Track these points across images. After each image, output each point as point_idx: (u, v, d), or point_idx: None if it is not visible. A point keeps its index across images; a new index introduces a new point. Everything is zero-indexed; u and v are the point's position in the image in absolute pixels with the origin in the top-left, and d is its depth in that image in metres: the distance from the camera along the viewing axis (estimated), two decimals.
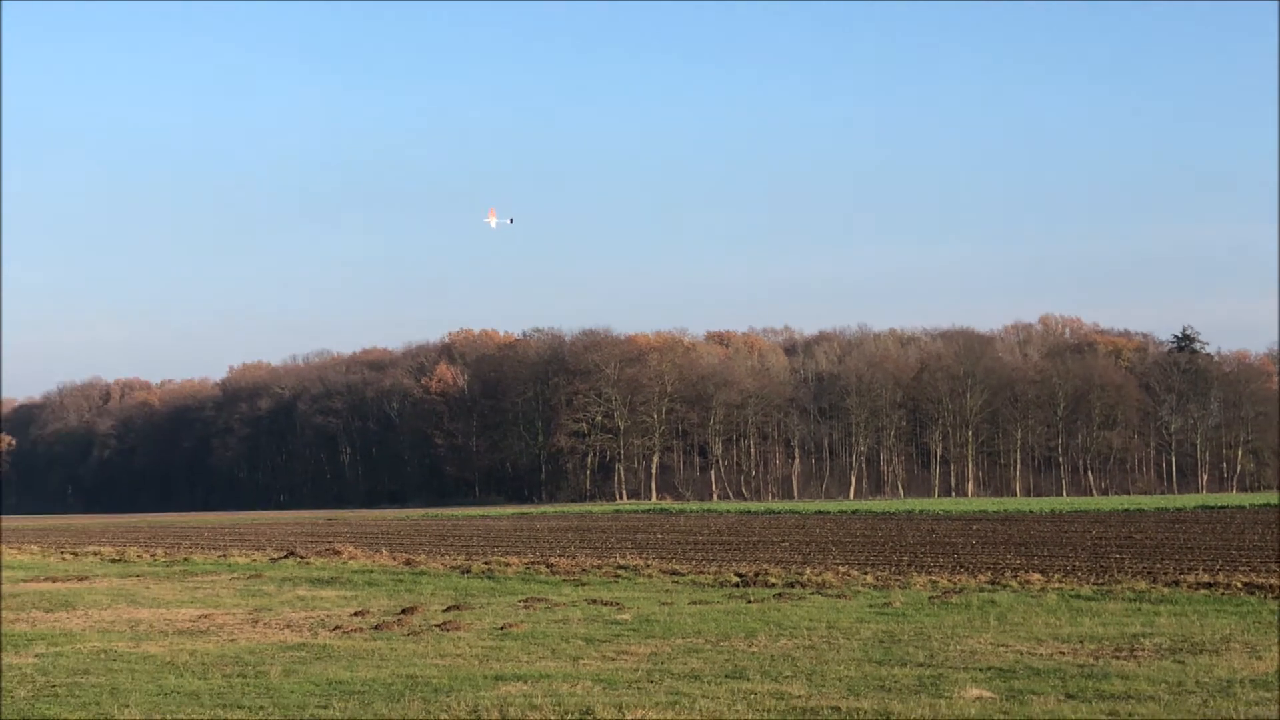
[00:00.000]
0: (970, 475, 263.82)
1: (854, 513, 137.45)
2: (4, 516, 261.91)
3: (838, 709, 24.16)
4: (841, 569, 55.57)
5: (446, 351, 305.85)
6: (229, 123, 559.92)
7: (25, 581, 59.65)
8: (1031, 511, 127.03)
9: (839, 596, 44.98)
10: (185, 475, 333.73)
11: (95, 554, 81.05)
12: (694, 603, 43.73)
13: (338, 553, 72.71)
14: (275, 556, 73.19)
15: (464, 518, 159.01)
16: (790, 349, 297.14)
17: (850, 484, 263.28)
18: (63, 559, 78.33)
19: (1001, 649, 31.73)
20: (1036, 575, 50.64)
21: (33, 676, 29.42)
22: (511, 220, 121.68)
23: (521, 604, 44.15)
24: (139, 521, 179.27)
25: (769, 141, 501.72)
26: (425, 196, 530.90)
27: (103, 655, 32.75)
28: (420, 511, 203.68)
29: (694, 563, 63.04)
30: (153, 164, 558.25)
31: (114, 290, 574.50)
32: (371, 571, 60.97)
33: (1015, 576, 50.84)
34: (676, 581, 52.94)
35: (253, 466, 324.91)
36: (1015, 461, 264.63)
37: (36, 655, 32.96)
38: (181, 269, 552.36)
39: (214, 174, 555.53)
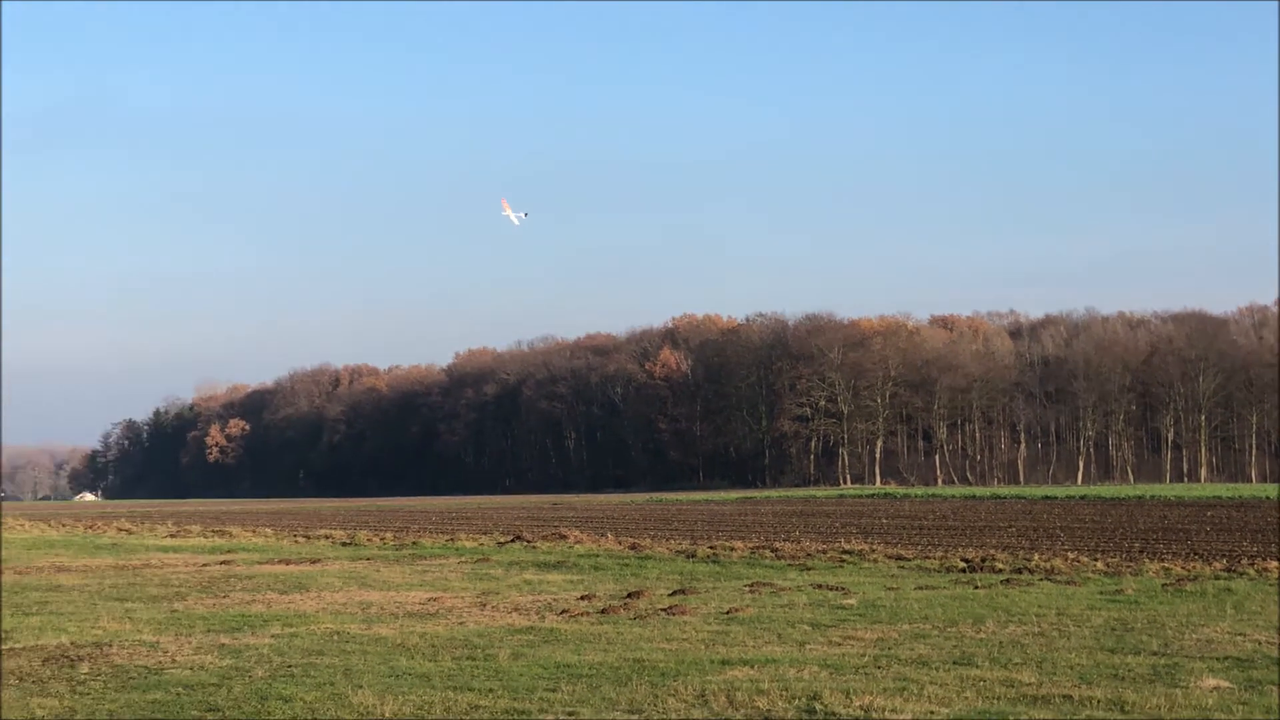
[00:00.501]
0: (1203, 461, 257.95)
1: (1082, 498, 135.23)
2: (239, 499, 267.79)
3: (1070, 697, 23.72)
4: (1070, 555, 54.67)
5: (670, 336, 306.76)
6: (448, 117, 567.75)
7: (261, 564, 61.01)
8: (1268, 498, 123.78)
9: (1068, 583, 44.23)
10: (412, 460, 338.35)
11: (327, 537, 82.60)
12: (920, 588, 43.31)
13: (564, 537, 73.27)
14: (502, 541, 73.97)
15: (688, 502, 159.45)
16: (1015, 332, 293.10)
17: (1078, 469, 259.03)
18: (295, 542, 79.93)
19: (1239, 638, 30.92)
20: (1275, 563, 49.30)
21: (269, 657, 30.01)
22: (525, 214, 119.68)
23: (746, 589, 44.08)
24: (368, 505, 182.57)
25: (991, 122, 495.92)
26: (646, 186, 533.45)
27: (336, 637, 33.30)
28: (644, 496, 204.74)
29: (919, 548, 62.47)
30: (376, 156, 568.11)
31: (340, 277, 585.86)
32: (597, 556, 61.33)
33: (1252, 564, 49.62)
34: (902, 567, 52.51)
35: (478, 451, 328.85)
36: (1250, 447, 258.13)
37: (273, 636, 33.63)
38: (407, 257, 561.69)
39: (438, 164, 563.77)
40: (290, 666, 28.54)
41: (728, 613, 36.83)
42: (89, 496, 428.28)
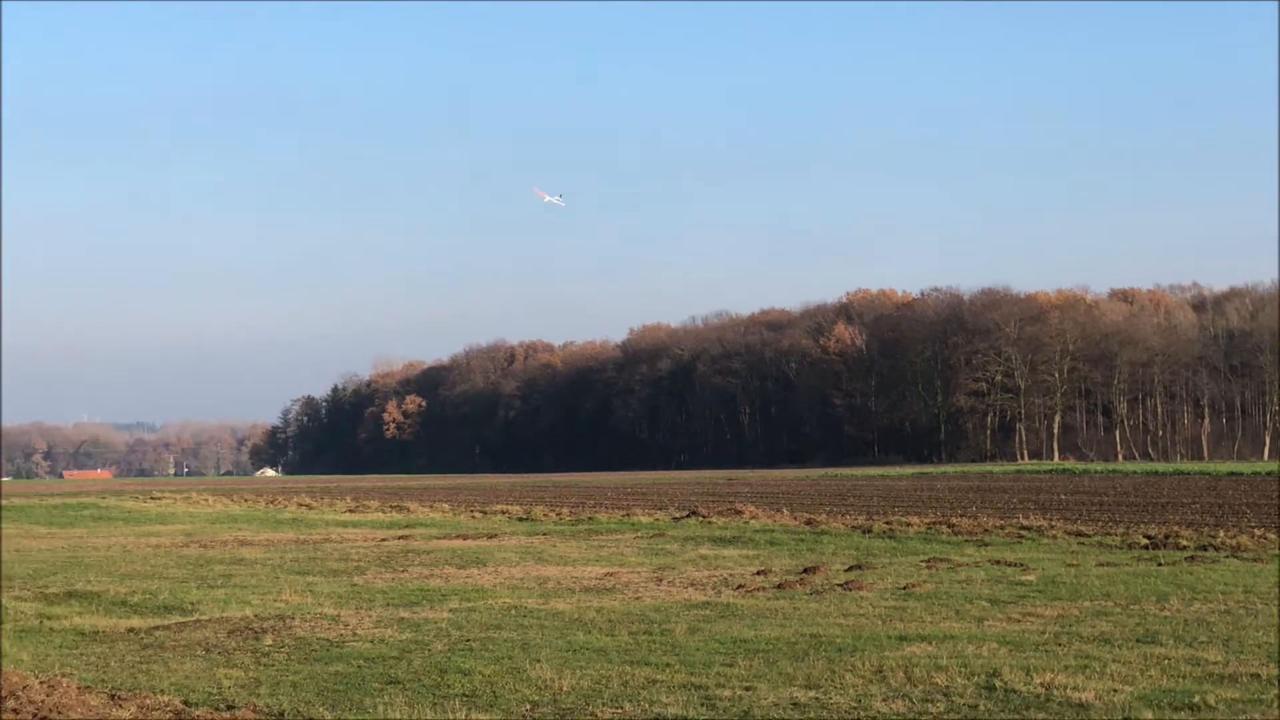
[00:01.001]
0: None
1: (1268, 474, 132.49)
2: (415, 475, 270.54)
3: (1257, 676, 23.19)
4: (1258, 532, 53.51)
5: (844, 311, 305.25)
6: (639, 93, 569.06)
7: (438, 539, 61.62)
8: None
9: (1255, 560, 43.32)
10: (587, 435, 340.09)
11: (503, 512, 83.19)
12: (1101, 564, 42.65)
13: (739, 512, 73.14)
14: (677, 516, 74.03)
15: (863, 477, 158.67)
16: (1199, 305, 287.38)
17: (1264, 444, 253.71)
18: (472, 517, 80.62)
19: None
20: None
21: (448, 630, 30.26)
22: (560, 197, 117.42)
23: (924, 564, 43.71)
24: (543, 481, 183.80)
25: (1169, 89, 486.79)
26: (822, 157, 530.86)
27: (513, 611, 33.50)
28: (819, 471, 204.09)
29: (1100, 524, 61.52)
30: (557, 133, 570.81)
31: (513, 255, 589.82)
32: (773, 531, 61.20)
33: None
34: (1082, 543, 51.75)
35: (653, 427, 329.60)
36: None
37: (451, 610, 33.92)
38: (580, 234, 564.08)
39: (620, 142, 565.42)
40: (468, 640, 28.75)
41: (904, 588, 36.54)
42: (269, 472, 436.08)
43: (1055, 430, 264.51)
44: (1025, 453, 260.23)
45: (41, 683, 24.03)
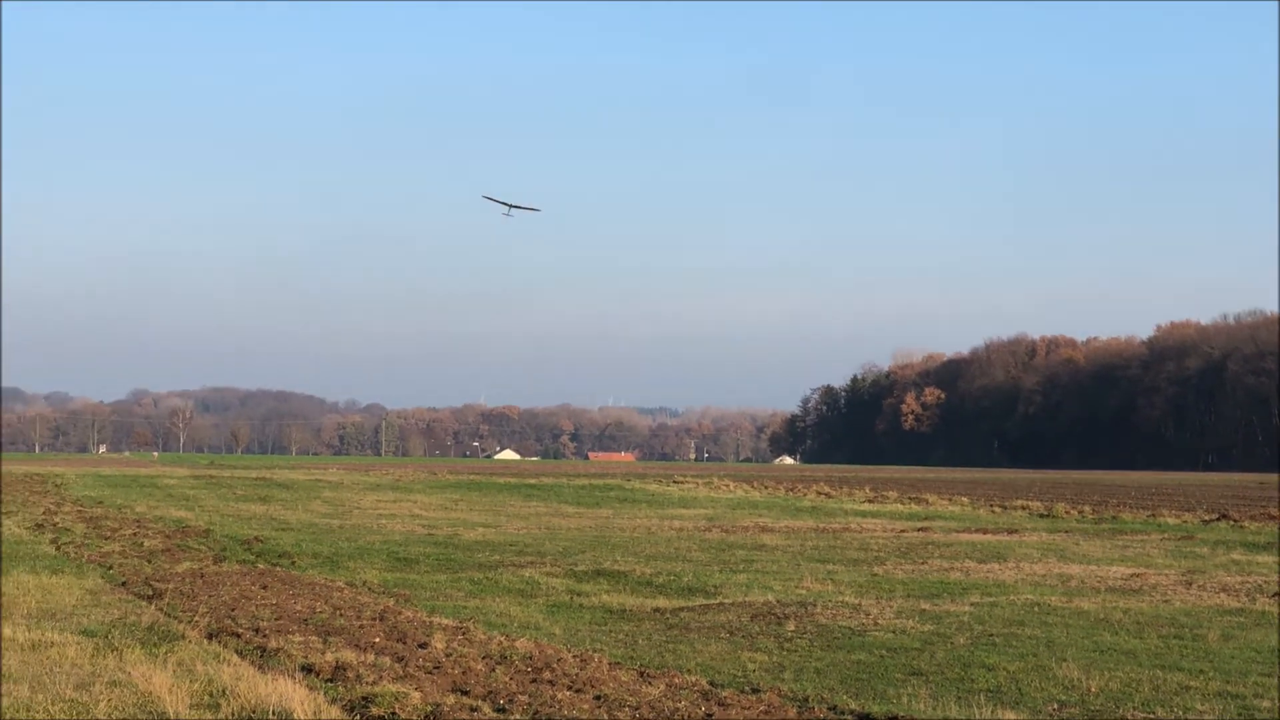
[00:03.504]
0: None
1: None
2: (932, 468, 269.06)
3: None
4: None
5: None
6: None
7: (958, 532, 61.13)
8: None
9: None
10: (1108, 432, 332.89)
11: (1023, 508, 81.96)
12: None
13: (1273, 518, 70.15)
14: (1207, 519, 71.48)
15: None
16: None
17: None
18: (991, 512, 79.69)
19: None
20: None
21: (970, 624, 29.91)
22: (517, 209, 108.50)
23: None
24: (1062, 477, 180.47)
25: None
26: None
27: (1036, 608, 32.88)
28: None
29: None
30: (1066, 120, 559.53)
31: (1043, 247, 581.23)
32: None
33: None
34: None
35: (1179, 426, 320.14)
36: None
37: (972, 604, 33.53)
38: (1100, 228, 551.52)
39: (1147, 135, 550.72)
40: (991, 635, 28.34)
41: None
42: (787, 460, 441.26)
43: None
44: None
45: (575, 656, 24.81)
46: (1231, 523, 67.96)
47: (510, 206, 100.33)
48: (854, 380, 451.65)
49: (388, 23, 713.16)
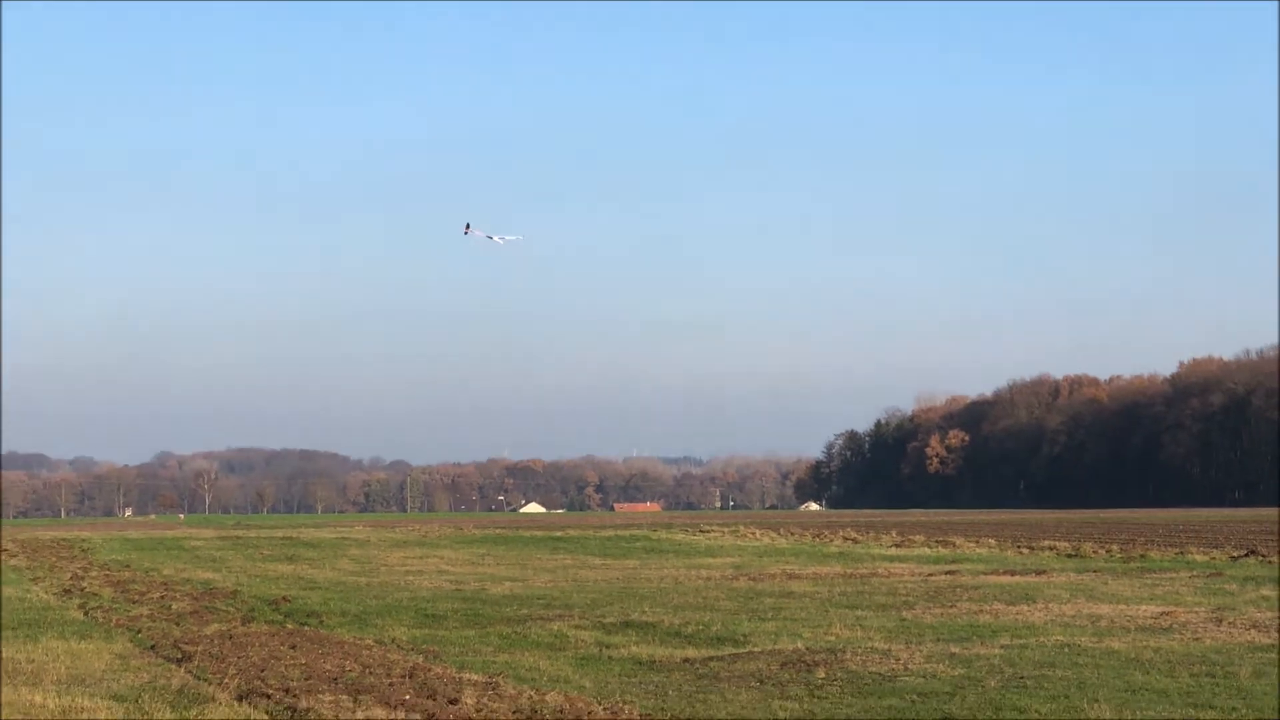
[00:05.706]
0: None
1: None
2: (958, 510, 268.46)
3: None
4: None
5: None
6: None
7: (985, 574, 60.95)
8: None
9: None
10: (1134, 471, 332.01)
11: (1050, 548, 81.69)
12: None
13: None
14: (1235, 555, 71.20)
15: None
16: None
17: None
18: (1019, 553, 79.46)
19: None
20: None
21: (1000, 667, 29.83)
22: (504, 238, 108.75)
23: None
24: (1090, 517, 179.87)
25: None
26: None
27: (1066, 649, 32.78)
28: None
29: None
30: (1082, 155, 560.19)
31: (1044, 288, 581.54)
32: None
33: None
34: None
35: (1205, 462, 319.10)
36: None
37: (1002, 646, 33.44)
38: (1121, 262, 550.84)
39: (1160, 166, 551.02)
40: (1022, 678, 28.26)
41: None
42: (813, 506, 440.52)
43: None
44: None
45: (605, 709, 24.78)
46: (1260, 558, 67.67)
47: (491, 238, 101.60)
48: (878, 424, 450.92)
49: (395, 88, 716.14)
